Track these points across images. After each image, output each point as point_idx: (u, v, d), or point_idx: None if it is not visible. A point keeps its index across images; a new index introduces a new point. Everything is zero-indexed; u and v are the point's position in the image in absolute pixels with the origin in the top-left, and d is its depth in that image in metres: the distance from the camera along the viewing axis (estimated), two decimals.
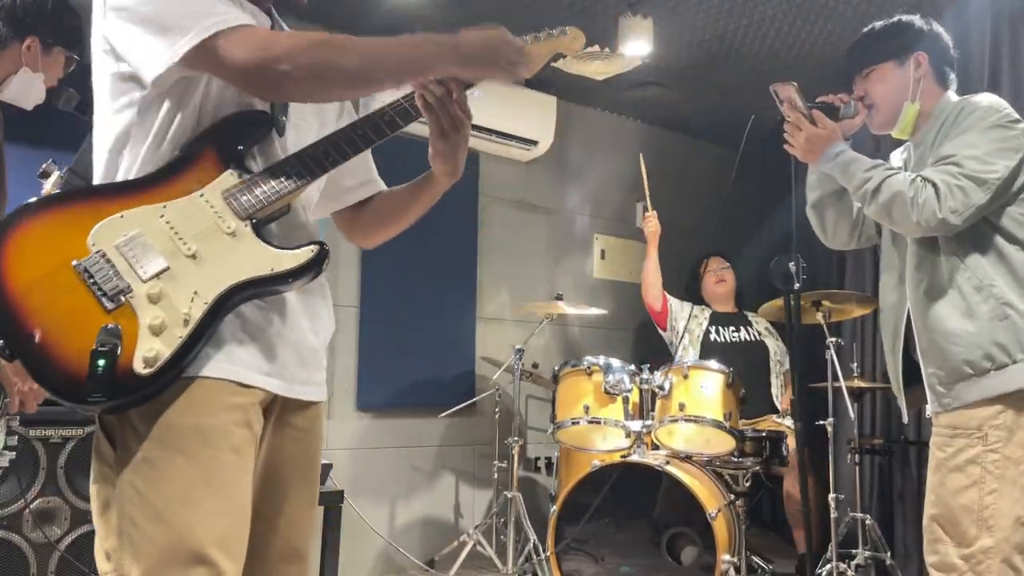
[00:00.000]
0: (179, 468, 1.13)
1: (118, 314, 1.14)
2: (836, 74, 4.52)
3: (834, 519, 3.02)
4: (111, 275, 1.15)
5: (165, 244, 1.18)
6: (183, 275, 1.17)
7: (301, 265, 1.22)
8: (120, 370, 1.11)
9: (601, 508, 2.99)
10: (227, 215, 1.21)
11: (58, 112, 2.05)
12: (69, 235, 1.16)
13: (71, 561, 2.56)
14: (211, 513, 1.14)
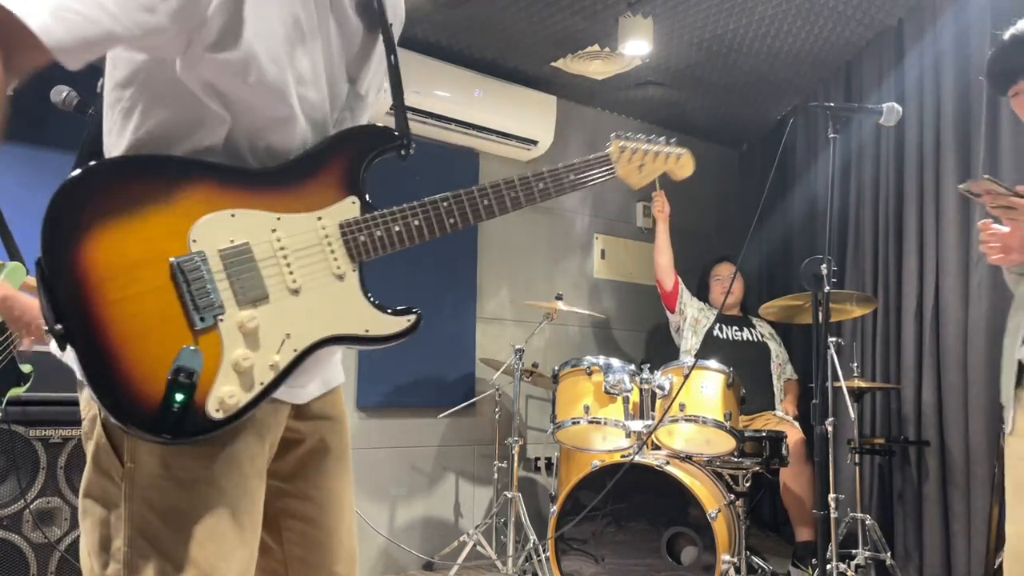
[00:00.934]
0: (204, 498, 1.00)
1: (205, 337, 0.98)
2: (835, 74, 4.55)
3: (834, 519, 3.01)
4: (208, 288, 0.98)
5: (271, 268, 1.02)
6: (281, 312, 1.02)
7: (396, 333, 1.10)
8: (193, 408, 0.96)
9: (601, 508, 2.99)
10: (340, 253, 1.07)
11: (58, 112, 2.05)
12: (167, 220, 0.97)
13: (71, 561, 2.56)
14: (235, 547, 1.02)
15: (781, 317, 3.58)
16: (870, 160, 4.01)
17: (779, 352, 4.14)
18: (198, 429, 0.97)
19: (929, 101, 3.67)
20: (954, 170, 3.50)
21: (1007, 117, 3.30)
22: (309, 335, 1.04)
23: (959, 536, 3.35)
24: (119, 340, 0.94)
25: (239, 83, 1.00)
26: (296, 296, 1.04)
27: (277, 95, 1.02)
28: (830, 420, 2.91)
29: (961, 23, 3.53)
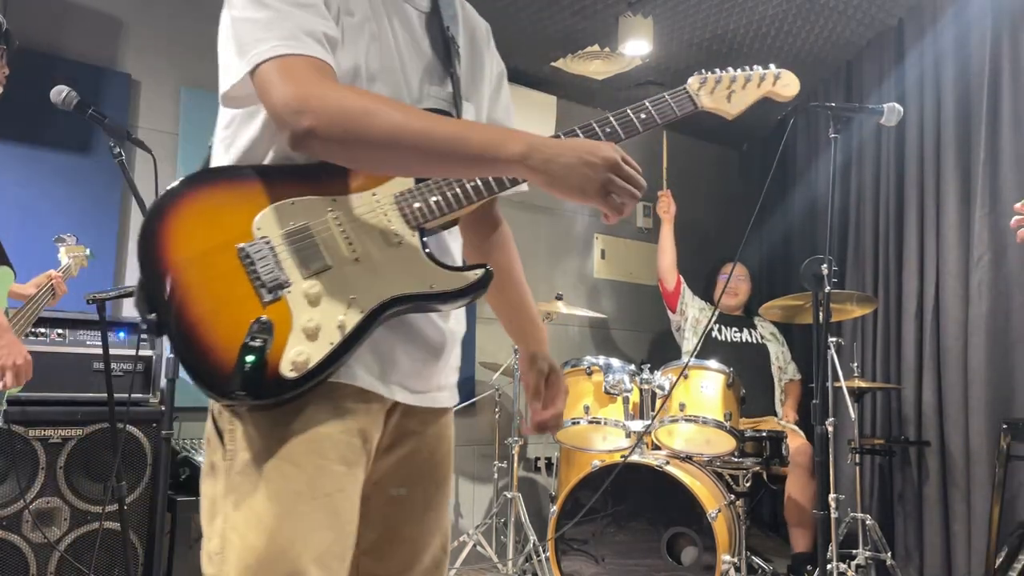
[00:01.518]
0: (286, 476, 1.07)
1: (273, 308, 1.07)
2: (836, 74, 4.55)
3: (834, 519, 3.01)
4: (272, 265, 1.09)
5: (330, 241, 1.11)
6: (344, 278, 1.10)
7: (463, 287, 1.15)
8: (267, 369, 1.04)
9: (601, 508, 2.99)
10: (396, 221, 1.14)
11: (58, 112, 2.05)
12: (235, 214, 1.10)
13: (71, 561, 2.56)
14: (314, 527, 1.08)
15: (781, 317, 3.57)
16: (870, 160, 4.00)
17: (780, 353, 4.11)
18: (274, 390, 1.05)
19: (929, 101, 3.66)
20: (954, 170, 3.50)
21: (1007, 117, 3.30)
22: (375, 296, 1.11)
23: (959, 536, 3.35)
24: (199, 320, 1.06)
25: None
26: (358, 263, 1.12)
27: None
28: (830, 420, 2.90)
29: (961, 23, 3.53)
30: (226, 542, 1.08)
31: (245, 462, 1.09)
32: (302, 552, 1.06)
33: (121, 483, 2.45)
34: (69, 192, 3.06)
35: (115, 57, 3.24)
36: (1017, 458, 2.99)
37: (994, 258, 3.30)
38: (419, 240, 1.14)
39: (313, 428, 1.09)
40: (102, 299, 2.55)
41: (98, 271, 3.10)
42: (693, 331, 4.14)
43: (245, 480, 1.08)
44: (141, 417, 2.73)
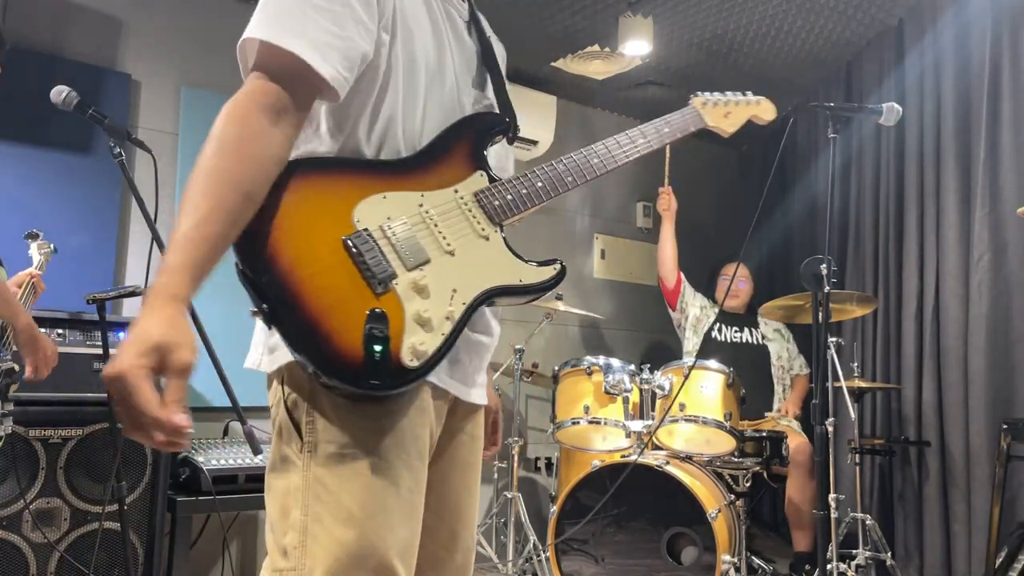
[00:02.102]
0: (374, 470, 1.09)
1: (385, 299, 1.10)
2: (835, 74, 4.55)
3: (834, 519, 3.01)
4: (380, 257, 1.11)
5: (426, 235, 1.16)
6: (443, 271, 1.15)
7: (545, 281, 1.23)
8: (390, 360, 1.07)
9: (601, 508, 2.99)
10: (481, 218, 1.22)
11: (58, 112, 2.05)
12: (335, 207, 1.12)
13: (71, 561, 2.56)
14: (399, 522, 1.10)
15: (781, 317, 3.57)
16: (870, 160, 4.00)
17: (783, 351, 4.08)
18: (399, 379, 1.08)
19: (929, 101, 3.67)
20: (954, 170, 3.50)
21: (1007, 117, 3.31)
22: (474, 287, 1.17)
23: (959, 536, 3.35)
24: (315, 311, 1.06)
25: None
26: (453, 256, 1.18)
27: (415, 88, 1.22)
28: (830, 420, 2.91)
29: (961, 23, 3.53)
30: (308, 535, 1.08)
31: (328, 455, 1.10)
32: (390, 546, 1.08)
33: (121, 483, 2.45)
34: (69, 192, 3.06)
35: (115, 57, 3.24)
36: (1017, 458, 2.99)
37: (994, 258, 3.30)
38: (502, 236, 1.23)
39: (398, 423, 1.12)
40: (102, 299, 2.55)
41: (98, 271, 3.10)
42: (694, 330, 4.14)
43: (329, 473, 1.09)
44: None
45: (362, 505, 1.08)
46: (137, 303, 2.96)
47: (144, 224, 2.20)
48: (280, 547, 1.10)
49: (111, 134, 2.05)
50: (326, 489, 1.09)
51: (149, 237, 2.14)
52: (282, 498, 1.12)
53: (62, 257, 2.93)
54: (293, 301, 1.05)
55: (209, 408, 3.23)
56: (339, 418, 1.10)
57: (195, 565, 3.19)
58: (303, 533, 1.08)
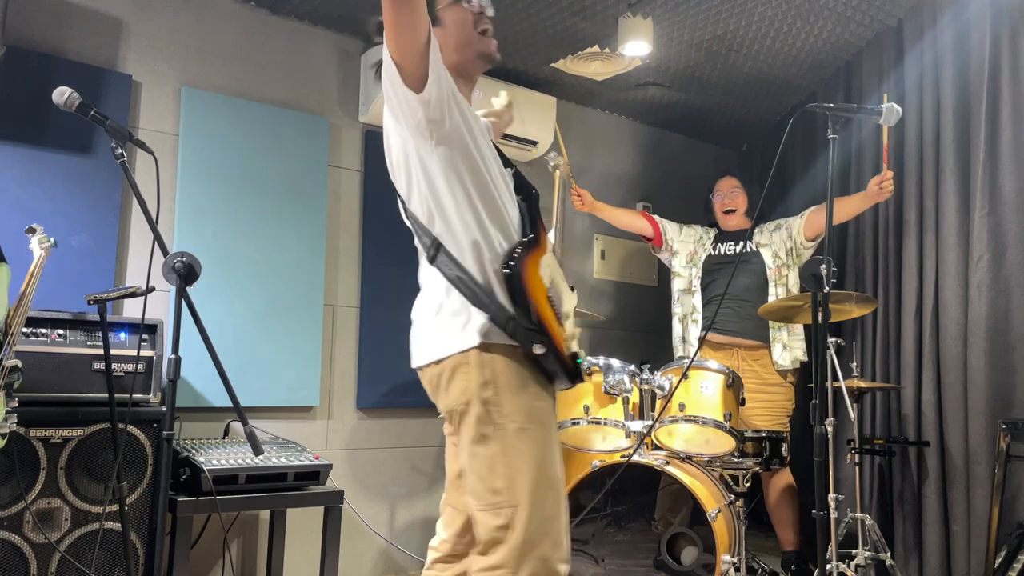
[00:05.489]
0: (544, 434, 1.72)
1: (565, 327, 1.82)
2: (835, 74, 4.54)
3: (834, 519, 3.02)
4: (558, 303, 1.82)
5: (559, 282, 1.87)
6: (568, 303, 1.89)
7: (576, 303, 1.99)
8: (580, 367, 1.81)
9: (601, 508, 2.99)
10: (559, 266, 1.91)
11: (59, 113, 2.05)
12: (536, 273, 1.77)
13: (71, 562, 2.57)
14: (557, 459, 1.75)
15: (781, 317, 3.57)
16: (870, 160, 4.01)
17: (781, 249, 3.84)
18: (581, 374, 1.83)
19: (929, 102, 3.67)
20: (954, 170, 3.51)
21: (1007, 117, 3.31)
22: (573, 311, 1.92)
23: (959, 536, 3.35)
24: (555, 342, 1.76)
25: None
26: (564, 294, 1.89)
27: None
28: (830, 420, 2.91)
29: (960, 23, 3.54)
30: (513, 479, 1.68)
31: (516, 429, 1.70)
32: (558, 472, 1.74)
33: (122, 483, 2.46)
34: (70, 192, 3.07)
35: (116, 58, 3.25)
36: (1016, 458, 3.00)
37: (993, 258, 3.30)
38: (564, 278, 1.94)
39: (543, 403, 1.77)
40: (103, 299, 2.56)
41: (99, 271, 3.11)
42: (691, 264, 4.01)
43: (519, 440, 1.70)
44: (142, 417, 2.74)
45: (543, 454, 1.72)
46: (139, 303, 2.97)
47: (145, 225, 2.21)
48: (491, 488, 1.69)
49: (113, 135, 2.06)
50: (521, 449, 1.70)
51: (150, 238, 2.14)
52: (490, 457, 1.71)
53: (63, 257, 2.93)
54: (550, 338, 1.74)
55: (209, 408, 3.23)
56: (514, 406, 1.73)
57: (195, 565, 3.19)
58: (509, 479, 1.68)
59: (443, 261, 1.78)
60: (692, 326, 3.95)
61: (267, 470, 2.86)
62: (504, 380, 1.70)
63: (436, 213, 1.77)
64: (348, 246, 3.75)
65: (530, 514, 1.65)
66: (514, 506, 1.65)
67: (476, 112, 1.96)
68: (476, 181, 1.77)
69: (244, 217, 3.43)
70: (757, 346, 3.75)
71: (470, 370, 1.70)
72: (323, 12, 3.62)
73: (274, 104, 3.57)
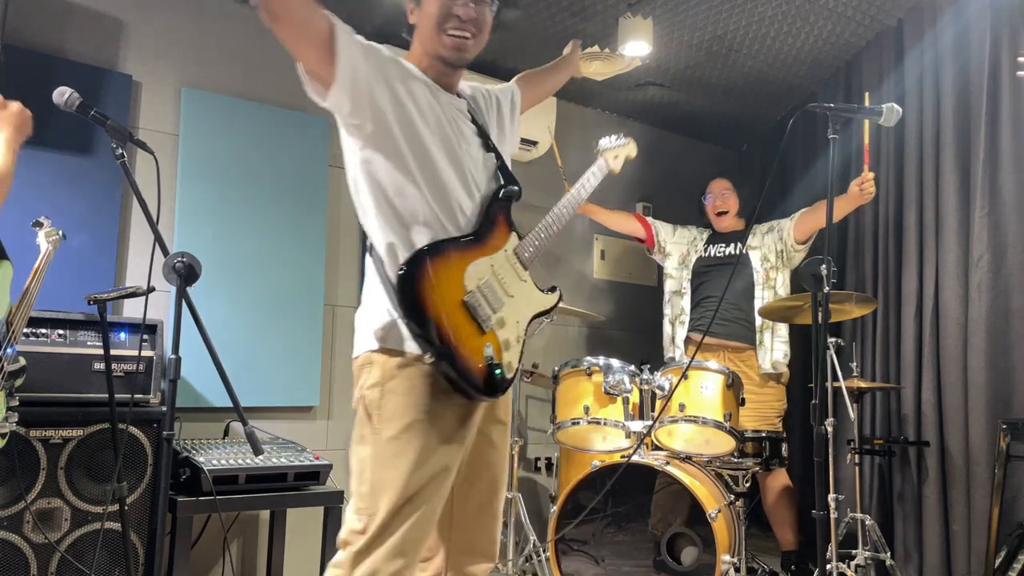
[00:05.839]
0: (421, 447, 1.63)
1: (488, 336, 1.69)
2: (835, 74, 4.55)
3: (834, 519, 3.02)
4: (484, 309, 1.69)
5: (498, 287, 1.74)
6: (510, 309, 1.76)
7: (556, 304, 1.90)
8: (502, 376, 1.70)
9: (601, 508, 2.99)
10: (519, 267, 1.82)
11: (59, 113, 2.05)
12: (451, 277, 1.66)
13: (71, 562, 2.57)
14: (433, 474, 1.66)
15: (780, 317, 3.57)
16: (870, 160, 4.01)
17: (772, 250, 3.83)
18: (503, 386, 1.72)
19: (929, 102, 3.67)
20: (954, 170, 3.51)
21: (1007, 117, 3.31)
22: (525, 317, 1.82)
23: (959, 536, 3.35)
24: (460, 350, 1.63)
25: None
26: (513, 298, 1.78)
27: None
28: (830, 420, 2.91)
29: (961, 23, 3.54)
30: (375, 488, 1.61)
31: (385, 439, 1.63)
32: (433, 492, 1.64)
33: (122, 484, 2.46)
34: (70, 193, 3.07)
35: (116, 58, 3.24)
36: (1016, 458, 3.00)
37: (993, 258, 3.30)
38: (529, 276, 1.85)
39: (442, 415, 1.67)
40: (103, 299, 2.56)
41: (99, 271, 3.11)
42: (682, 266, 4.02)
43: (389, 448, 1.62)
44: (142, 418, 2.74)
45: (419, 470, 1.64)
46: (139, 304, 2.97)
47: (145, 225, 2.21)
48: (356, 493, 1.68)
49: (113, 135, 2.06)
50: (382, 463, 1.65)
51: (150, 238, 2.14)
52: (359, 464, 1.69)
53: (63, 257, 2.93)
54: (452, 344, 1.61)
55: (209, 408, 3.23)
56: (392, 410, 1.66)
57: (195, 565, 3.19)
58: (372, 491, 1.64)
59: (371, 258, 1.75)
60: (680, 328, 3.96)
61: (267, 470, 2.86)
62: (392, 384, 1.63)
63: (361, 211, 1.75)
64: (348, 246, 3.75)
65: (380, 527, 1.57)
66: (372, 514, 1.58)
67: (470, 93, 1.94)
68: (398, 182, 1.68)
69: (244, 217, 3.43)
70: (743, 348, 3.75)
71: (370, 370, 1.66)
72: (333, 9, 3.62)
73: (274, 104, 3.57)
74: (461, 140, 1.79)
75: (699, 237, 4.07)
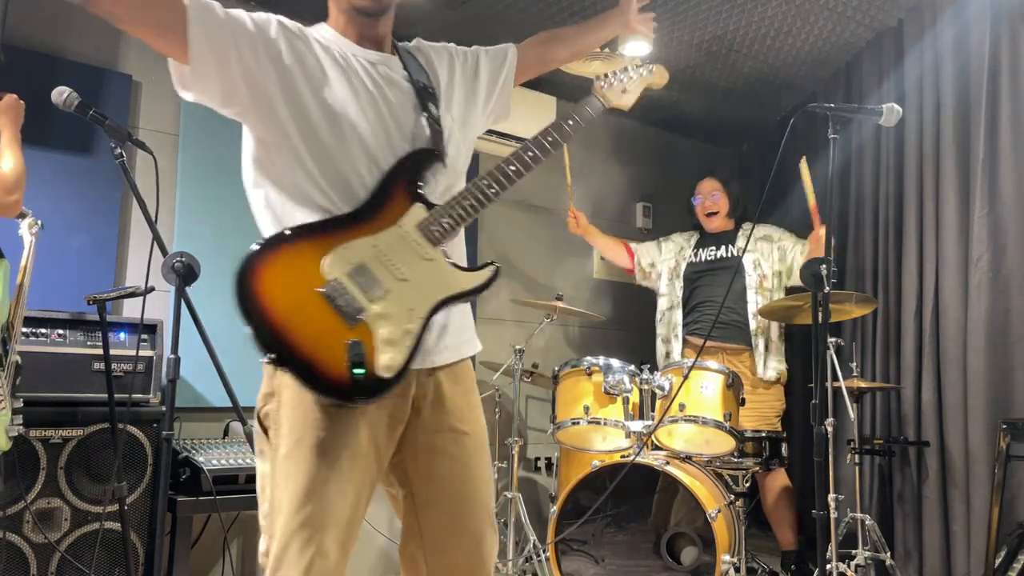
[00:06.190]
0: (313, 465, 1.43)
1: (359, 329, 1.39)
2: (835, 74, 4.54)
3: (834, 519, 3.02)
4: (349, 299, 1.40)
5: (382, 270, 1.43)
6: (400, 296, 1.43)
7: (483, 283, 1.50)
8: (369, 376, 1.38)
9: (601, 508, 2.99)
10: (424, 244, 1.47)
11: (59, 113, 2.05)
12: (305, 267, 1.40)
13: (71, 561, 2.57)
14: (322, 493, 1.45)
15: (780, 317, 3.57)
16: (870, 160, 4.01)
17: (768, 257, 3.81)
18: (381, 387, 1.40)
19: (929, 101, 3.67)
20: (954, 170, 3.50)
21: (1006, 117, 3.31)
22: (426, 304, 1.46)
23: (959, 536, 3.35)
24: (310, 350, 1.37)
25: None
26: (407, 282, 1.45)
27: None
28: (829, 420, 2.91)
29: (961, 24, 3.53)
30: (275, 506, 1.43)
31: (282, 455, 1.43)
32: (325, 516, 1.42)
33: (122, 483, 2.46)
34: (70, 193, 3.07)
35: (116, 58, 3.24)
36: (1016, 458, 2.99)
37: (993, 258, 3.30)
38: (442, 253, 1.48)
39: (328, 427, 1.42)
40: (102, 299, 2.56)
41: (99, 271, 3.11)
42: (675, 277, 4.00)
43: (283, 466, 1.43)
44: (142, 417, 2.74)
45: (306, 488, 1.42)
46: (138, 303, 2.97)
47: (145, 225, 2.21)
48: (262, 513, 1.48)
49: (112, 135, 2.06)
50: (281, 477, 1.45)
51: (150, 237, 2.14)
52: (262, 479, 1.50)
53: (63, 257, 2.93)
54: (293, 346, 1.36)
55: (209, 408, 3.23)
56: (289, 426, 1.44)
57: (195, 565, 3.19)
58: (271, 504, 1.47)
59: None
60: (675, 341, 3.94)
61: None
62: (287, 395, 1.44)
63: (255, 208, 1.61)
64: None
65: (279, 552, 1.41)
66: (272, 536, 1.43)
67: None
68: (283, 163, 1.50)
69: (244, 217, 3.42)
70: (740, 349, 3.75)
71: (268, 380, 1.49)
72: (320, 10, 3.62)
73: None
74: (379, 102, 1.53)
75: (686, 244, 4.05)
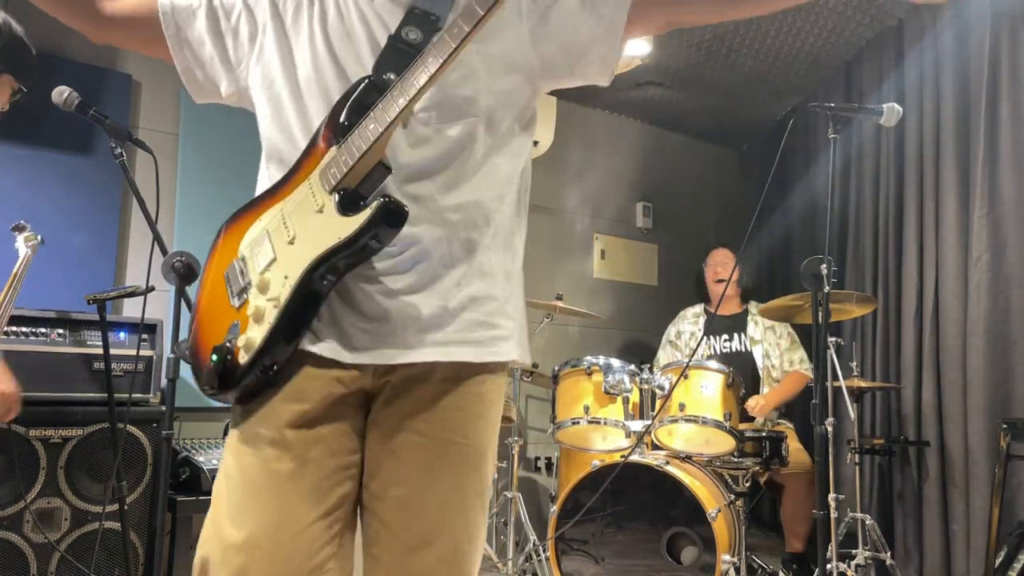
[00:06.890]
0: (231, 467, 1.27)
1: (242, 310, 1.17)
2: (835, 74, 4.54)
3: (834, 519, 3.02)
4: (239, 276, 1.20)
5: (277, 236, 1.18)
6: (282, 261, 1.15)
7: (364, 225, 1.08)
8: (230, 363, 1.14)
9: (601, 508, 2.99)
10: (318, 191, 1.15)
11: (59, 112, 2.05)
12: (231, 245, 1.24)
13: (71, 561, 2.56)
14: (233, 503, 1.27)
15: (781, 317, 3.57)
16: (870, 160, 4.01)
17: (773, 350, 3.90)
18: (234, 379, 1.15)
19: (929, 101, 3.67)
20: (954, 170, 3.50)
21: (1006, 117, 3.31)
22: (299, 266, 1.13)
23: (959, 536, 3.35)
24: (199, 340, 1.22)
25: None
26: (293, 244, 1.16)
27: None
28: (830, 420, 2.91)
29: (961, 23, 3.53)
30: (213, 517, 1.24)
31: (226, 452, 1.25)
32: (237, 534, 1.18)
33: (121, 483, 2.46)
34: (69, 192, 3.07)
35: (116, 58, 3.24)
36: (1016, 458, 2.99)
37: (993, 258, 3.30)
38: (338, 201, 1.12)
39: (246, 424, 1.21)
40: (102, 299, 2.56)
41: (99, 271, 3.11)
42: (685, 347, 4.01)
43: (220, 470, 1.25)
44: (141, 417, 2.74)
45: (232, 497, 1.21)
46: (138, 303, 2.97)
47: (145, 224, 2.21)
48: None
49: (112, 135, 2.06)
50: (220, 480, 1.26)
51: (150, 237, 2.14)
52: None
53: (63, 257, 2.93)
54: (193, 337, 1.23)
55: (209, 408, 3.23)
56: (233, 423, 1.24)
57: None
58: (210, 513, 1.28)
59: None
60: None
61: None
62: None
63: None
64: None
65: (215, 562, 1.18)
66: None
67: None
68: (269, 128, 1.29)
69: None
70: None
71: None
72: None
73: None
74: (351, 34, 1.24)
75: (695, 321, 4.00)
